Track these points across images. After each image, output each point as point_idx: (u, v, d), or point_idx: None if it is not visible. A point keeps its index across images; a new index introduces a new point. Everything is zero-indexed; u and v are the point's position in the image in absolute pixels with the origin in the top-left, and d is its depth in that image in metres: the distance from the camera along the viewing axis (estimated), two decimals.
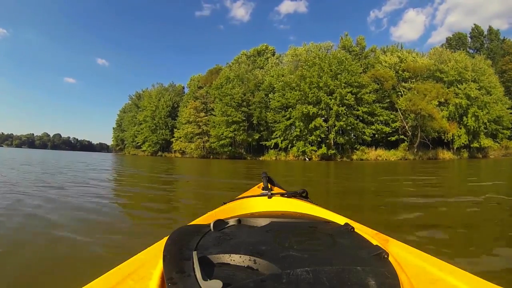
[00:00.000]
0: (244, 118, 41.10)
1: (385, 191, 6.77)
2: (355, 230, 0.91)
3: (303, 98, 35.79)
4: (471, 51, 48.88)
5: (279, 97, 38.95)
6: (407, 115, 36.55)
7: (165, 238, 0.82)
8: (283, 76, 41.10)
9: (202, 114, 47.64)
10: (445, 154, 36.12)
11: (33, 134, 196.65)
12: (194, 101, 48.77)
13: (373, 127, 36.09)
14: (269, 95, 41.01)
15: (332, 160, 33.93)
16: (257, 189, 1.83)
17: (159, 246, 0.81)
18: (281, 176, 10.46)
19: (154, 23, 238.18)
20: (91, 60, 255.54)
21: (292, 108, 37.14)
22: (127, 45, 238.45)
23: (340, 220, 1.08)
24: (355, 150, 36.21)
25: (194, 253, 0.66)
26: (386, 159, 34.29)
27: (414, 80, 37.68)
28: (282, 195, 1.44)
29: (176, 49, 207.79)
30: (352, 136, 36.50)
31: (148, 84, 56.91)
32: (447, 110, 35.29)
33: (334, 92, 34.51)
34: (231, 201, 1.48)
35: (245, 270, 0.67)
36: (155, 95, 58.83)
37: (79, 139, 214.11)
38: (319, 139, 35.41)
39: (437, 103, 34.06)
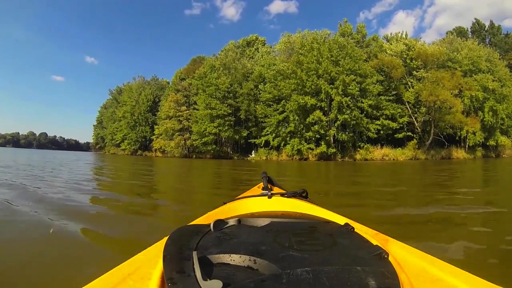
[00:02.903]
0: (230, 112, 35.93)
1: None
2: (355, 230, 0.91)
3: (300, 87, 30.67)
4: None
5: (271, 88, 33.92)
6: (416, 109, 32.22)
7: (165, 238, 0.81)
8: (274, 65, 36.25)
9: (184, 108, 42.25)
10: (459, 153, 31.80)
11: (18, 133, 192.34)
12: (175, 94, 43.51)
13: (379, 122, 31.14)
14: (259, 86, 36.06)
15: (331, 160, 29.30)
16: (257, 189, 1.81)
17: (159, 246, 0.80)
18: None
19: (143, 21, 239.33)
20: (80, 58, 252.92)
21: (286, 100, 32.14)
22: (116, 43, 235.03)
23: (340, 220, 1.07)
24: (358, 149, 31.41)
25: (194, 253, 0.66)
26: (394, 159, 29.69)
27: (423, 70, 33.21)
28: (282, 195, 1.43)
29: (166, 48, 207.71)
30: (355, 132, 31.69)
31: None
32: (461, 103, 30.81)
33: (336, 80, 29.55)
34: (231, 201, 1.47)
35: (245, 270, 0.68)
36: (136, 89, 53.30)
37: (65, 138, 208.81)
38: (317, 135, 30.36)
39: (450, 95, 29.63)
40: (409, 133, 32.17)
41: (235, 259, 0.70)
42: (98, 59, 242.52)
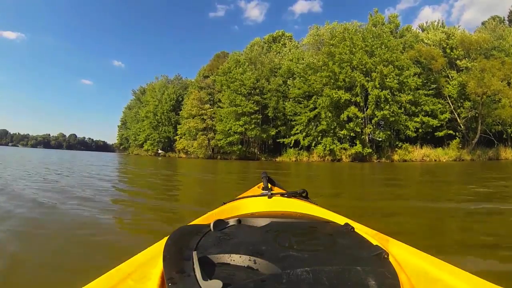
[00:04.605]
0: (257, 109, 33.85)
1: None
2: (355, 230, 0.91)
3: (332, 81, 28.15)
4: None
5: (300, 82, 31.58)
6: (459, 104, 29.16)
7: (165, 238, 0.81)
8: (303, 59, 33.86)
9: (207, 106, 40.54)
10: (507, 153, 28.44)
11: (49, 134, 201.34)
12: (199, 91, 41.93)
13: (417, 119, 28.13)
14: (288, 81, 33.77)
15: (367, 161, 26.81)
16: (257, 189, 1.80)
17: (159, 246, 0.81)
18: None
19: (169, 25, 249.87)
20: (107, 62, 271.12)
21: (317, 96, 29.69)
22: (142, 47, 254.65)
23: (340, 220, 1.07)
24: (396, 149, 28.69)
25: (194, 253, 0.67)
26: (435, 160, 26.78)
27: (467, 59, 30.11)
28: (282, 195, 1.44)
29: (191, 50, 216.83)
30: (392, 130, 28.93)
31: None
32: None
33: (373, 72, 27.02)
34: (231, 201, 1.47)
35: (245, 270, 0.68)
36: (159, 89, 52.35)
37: (94, 139, 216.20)
38: (352, 134, 27.84)
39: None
40: (451, 131, 28.99)
41: (235, 259, 0.70)
42: (125, 62, 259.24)
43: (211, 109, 40.05)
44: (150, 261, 0.73)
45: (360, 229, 0.93)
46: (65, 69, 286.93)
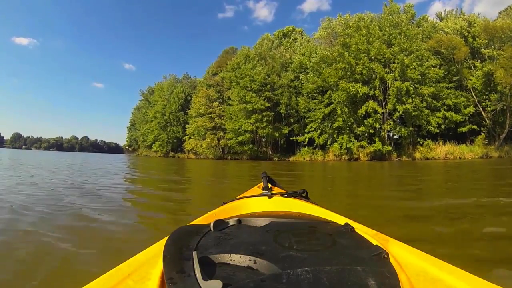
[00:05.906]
0: (269, 106, 32.27)
1: None
2: (355, 230, 0.92)
3: (348, 73, 26.37)
4: None
5: (314, 77, 29.84)
6: (484, 97, 27.05)
7: (165, 238, 0.82)
8: (316, 53, 32.10)
9: (216, 104, 39.09)
10: None
11: (61, 137, 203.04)
12: (207, 89, 40.50)
13: (439, 114, 26.15)
14: (301, 76, 31.96)
15: (386, 160, 25.07)
16: (257, 189, 1.81)
17: (159, 246, 0.82)
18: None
19: (178, 27, 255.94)
20: (118, 65, 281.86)
21: (333, 90, 27.90)
22: (152, 50, 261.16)
23: (340, 220, 1.09)
24: (418, 146, 26.72)
25: (194, 253, 0.67)
26: (460, 158, 24.81)
27: (492, 48, 27.97)
28: (282, 195, 1.44)
29: (200, 51, 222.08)
30: (413, 126, 26.79)
31: None
32: None
33: (392, 63, 25.19)
34: (231, 201, 1.47)
35: (245, 270, 0.69)
36: (167, 88, 51.38)
37: (106, 141, 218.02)
38: (371, 130, 26.06)
39: None
40: (474, 126, 26.82)
41: (235, 259, 0.71)
42: (136, 65, 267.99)
43: (220, 107, 38.72)
44: (150, 261, 0.73)
45: (360, 229, 0.93)
46: (76, 73, 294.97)
